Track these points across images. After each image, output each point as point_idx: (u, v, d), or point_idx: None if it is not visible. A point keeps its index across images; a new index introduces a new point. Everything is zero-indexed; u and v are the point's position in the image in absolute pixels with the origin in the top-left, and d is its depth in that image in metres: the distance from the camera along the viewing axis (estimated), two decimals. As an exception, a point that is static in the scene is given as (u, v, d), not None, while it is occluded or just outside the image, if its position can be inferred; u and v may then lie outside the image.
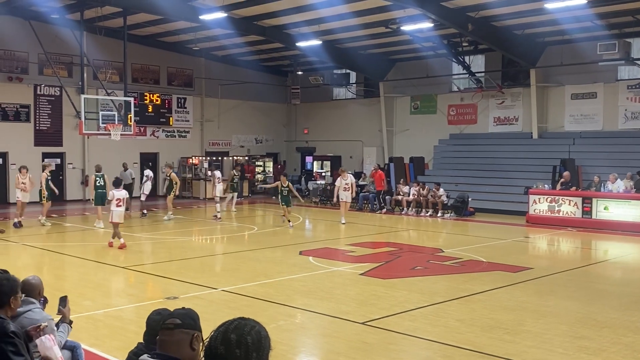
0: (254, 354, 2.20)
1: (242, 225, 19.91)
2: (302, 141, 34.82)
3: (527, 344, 7.67)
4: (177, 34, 27.33)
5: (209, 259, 14.08)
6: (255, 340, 2.23)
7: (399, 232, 18.95)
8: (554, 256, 15.96)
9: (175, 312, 2.89)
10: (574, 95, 25.20)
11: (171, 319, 2.83)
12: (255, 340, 2.24)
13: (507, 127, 27.06)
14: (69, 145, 26.91)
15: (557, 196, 20.12)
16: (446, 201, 22.64)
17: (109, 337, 7.82)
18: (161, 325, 2.84)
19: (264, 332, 2.29)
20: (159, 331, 2.84)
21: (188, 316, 2.88)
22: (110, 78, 25.22)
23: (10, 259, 13.71)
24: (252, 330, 2.25)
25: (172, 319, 2.83)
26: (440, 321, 8.66)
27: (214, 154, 31.73)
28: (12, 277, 4.87)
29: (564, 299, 10.16)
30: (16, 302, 4.79)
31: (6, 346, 4.38)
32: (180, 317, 2.84)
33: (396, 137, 30.58)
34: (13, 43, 24.67)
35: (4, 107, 25.34)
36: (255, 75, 32.08)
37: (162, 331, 2.82)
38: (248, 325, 2.28)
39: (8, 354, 4.37)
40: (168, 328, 2.80)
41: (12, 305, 4.71)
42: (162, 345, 2.79)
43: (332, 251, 14.75)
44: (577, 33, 22.77)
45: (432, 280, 11.51)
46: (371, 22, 23.15)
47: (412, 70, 29.11)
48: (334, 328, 8.50)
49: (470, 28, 22.03)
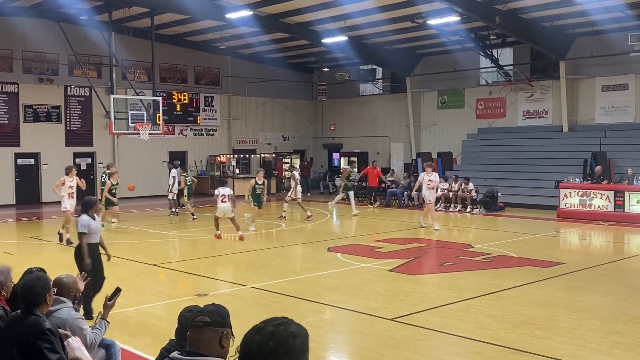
0: (271, 344, 2.15)
1: (270, 222, 19.98)
2: (328, 138, 34.81)
3: (559, 339, 7.59)
4: (203, 33, 27.52)
5: (238, 256, 14.17)
6: (277, 332, 2.18)
7: (428, 228, 18.85)
8: (585, 251, 15.74)
9: (205, 310, 2.91)
10: (604, 87, 24.77)
11: (200, 317, 2.85)
12: (278, 333, 2.18)
13: (536, 120, 26.72)
14: (100, 145, 27.29)
15: (588, 190, 19.82)
16: (475, 196, 22.46)
17: (141, 334, 7.92)
18: (191, 323, 2.87)
19: (292, 330, 2.23)
20: (189, 329, 2.87)
21: (218, 314, 2.90)
22: (138, 78, 25.53)
23: (43, 257, 13.97)
24: (280, 324, 2.22)
25: (202, 316, 2.85)
26: (470, 317, 8.60)
27: (241, 151, 31.90)
28: (44, 276, 4.98)
29: (597, 294, 10.02)
30: (51, 299, 4.90)
31: (42, 343, 4.47)
32: (210, 315, 2.86)
33: (423, 132, 30.40)
34: (43, 45, 25.08)
35: (36, 108, 25.79)
36: (281, 72, 32.15)
37: (192, 329, 2.84)
38: (286, 323, 2.24)
39: (44, 351, 4.46)
40: (197, 326, 2.83)
41: (47, 303, 4.83)
42: (192, 342, 2.82)
43: (360, 247, 14.72)
44: (607, 24, 22.35)
45: (462, 276, 11.43)
46: (397, 17, 23.02)
47: (439, 64, 28.89)
48: (363, 324, 8.50)
49: (498, 21, 21.77)
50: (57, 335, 4.65)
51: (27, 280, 4.75)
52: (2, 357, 4.53)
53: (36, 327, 4.50)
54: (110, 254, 9.32)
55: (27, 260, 12.44)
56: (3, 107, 25.02)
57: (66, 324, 5.43)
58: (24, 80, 25.41)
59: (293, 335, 2.19)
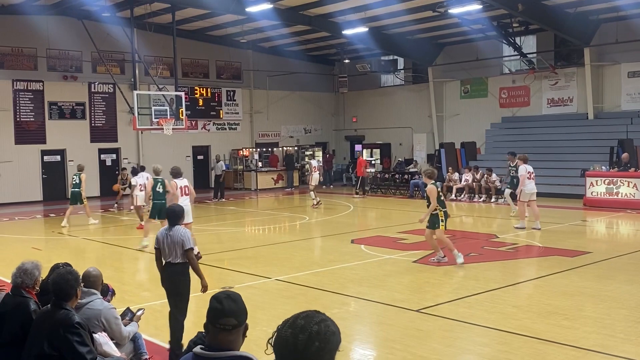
0: (317, 344, 2.21)
1: (294, 215, 20.04)
2: (350, 129, 34.75)
3: (587, 329, 7.51)
4: (224, 27, 27.60)
5: (262, 248, 14.24)
6: (321, 331, 2.24)
7: (452, 219, 18.73)
8: (612, 239, 15.54)
9: (226, 309, 2.88)
10: (630, 73, 24.36)
11: (226, 319, 2.87)
12: (321, 331, 2.24)
13: (561, 108, 26.38)
14: (124, 141, 27.57)
15: (615, 178, 19.54)
16: (499, 186, 22.27)
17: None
18: (218, 327, 2.87)
19: (332, 328, 2.29)
20: (218, 331, 2.88)
21: (241, 312, 2.94)
22: (161, 74, 25.72)
23: (71, 252, 14.18)
24: (321, 322, 2.27)
25: (227, 319, 2.87)
26: (496, 308, 8.55)
27: (263, 145, 31.99)
28: (74, 270, 5.08)
29: (625, 283, 9.89)
30: (80, 293, 4.99)
31: (72, 336, 4.55)
32: (236, 316, 2.89)
33: (446, 122, 30.20)
34: (67, 43, 25.38)
35: (61, 105, 26.12)
36: (302, 65, 32.13)
37: (221, 333, 2.87)
38: (318, 317, 2.30)
39: (74, 344, 4.54)
40: (225, 330, 2.87)
41: (77, 296, 4.92)
42: (220, 342, 2.86)
43: (384, 239, 14.69)
44: (632, 9, 21.96)
45: (487, 267, 11.36)
46: (418, 7, 22.85)
47: (461, 53, 28.63)
48: (388, 316, 8.49)
49: (521, 8, 21.50)
50: (87, 329, 4.74)
51: (60, 274, 4.84)
52: (34, 350, 4.62)
53: (66, 321, 4.58)
54: None
55: (56, 256, 12.66)
56: (29, 104, 25.39)
57: (101, 314, 5.53)
58: (49, 78, 25.75)
59: (334, 333, 2.29)
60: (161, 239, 6.98)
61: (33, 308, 5.04)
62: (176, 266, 6.94)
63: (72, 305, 4.77)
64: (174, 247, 6.89)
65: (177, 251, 6.90)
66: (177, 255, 6.91)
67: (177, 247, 6.89)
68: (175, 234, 6.92)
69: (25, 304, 5.06)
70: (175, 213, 7.15)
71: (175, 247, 6.89)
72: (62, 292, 4.69)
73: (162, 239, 6.97)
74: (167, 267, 7.01)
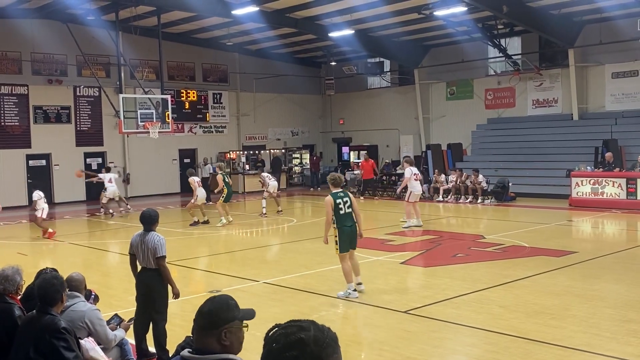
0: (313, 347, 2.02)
1: (281, 217, 20.00)
2: (337, 132, 34.78)
3: (574, 328, 7.56)
4: (210, 30, 27.53)
5: (250, 252, 14.20)
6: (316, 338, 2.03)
7: (439, 220, 18.79)
8: (598, 239, 15.66)
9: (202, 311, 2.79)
10: (614, 74, 24.59)
11: (200, 319, 2.78)
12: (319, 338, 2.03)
13: (546, 109, 26.57)
14: (110, 145, 27.40)
15: (600, 178, 19.70)
16: (486, 187, 22.38)
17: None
18: (196, 327, 2.81)
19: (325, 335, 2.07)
20: (199, 333, 2.81)
21: (213, 315, 2.78)
22: (146, 77, 25.58)
23: (56, 258, 14.07)
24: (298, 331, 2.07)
25: (201, 319, 2.78)
26: (483, 308, 8.59)
27: (250, 147, 31.94)
28: (59, 275, 5.05)
29: (611, 283, 9.97)
30: (65, 298, 4.96)
31: (58, 342, 4.51)
32: (205, 319, 2.78)
33: (433, 124, 30.31)
34: (52, 46, 25.17)
35: (46, 109, 25.92)
36: (288, 67, 32.12)
37: (202, 334, 2.78)
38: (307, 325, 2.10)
39: (60, 349, 4.50)
40: (204, 330, 2.78)
41: (62, 302, 4.89)
42: (205, 345, 2.76)
43: (371, 241, 14.68)
44: (615, 10, 22.17)
45: (474, 267, 11.40)
46: (403, 9, 22.93)
47: (447, 55, 28.77)
48: (376, 317, 8.50)
49: (505, 10, 21.64)
50: (73, 334, 4.70)
51: (45, 279, 4.81)
52: (19, 355, 4.58)
53: (52, 326, 4.55)
54: None
55: (41, 261, 12.56)
56: (13, 108, 25.16)
57: (85, 315, 5.50)
58: (34, 82, 25.54)
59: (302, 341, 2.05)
60: (135, 244, 6.85)
61: (18, 314, 5.00)
62: (153, 271, 6.81)
63: (57, 310, 4.74)
64: (147, 254, 6.76)
65: (150, 258, 6.76)
66: (151, 262, 6.78)
67: (149, 254, 6.75)
68: (149, 239, 6.77)
69: (9, 310, 5.01)
70: (151, 218, 6.93)
71: (148, 253, 6.75)
72: (47, 297, 4.66)
73: (135, 244, 6.84)
74: (143, 272, 6.89)
